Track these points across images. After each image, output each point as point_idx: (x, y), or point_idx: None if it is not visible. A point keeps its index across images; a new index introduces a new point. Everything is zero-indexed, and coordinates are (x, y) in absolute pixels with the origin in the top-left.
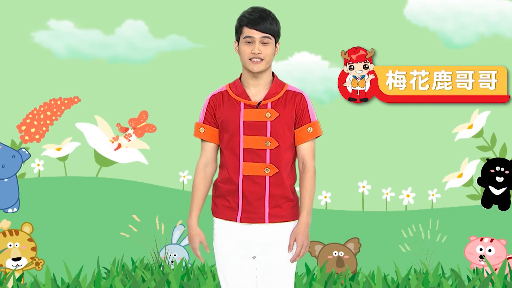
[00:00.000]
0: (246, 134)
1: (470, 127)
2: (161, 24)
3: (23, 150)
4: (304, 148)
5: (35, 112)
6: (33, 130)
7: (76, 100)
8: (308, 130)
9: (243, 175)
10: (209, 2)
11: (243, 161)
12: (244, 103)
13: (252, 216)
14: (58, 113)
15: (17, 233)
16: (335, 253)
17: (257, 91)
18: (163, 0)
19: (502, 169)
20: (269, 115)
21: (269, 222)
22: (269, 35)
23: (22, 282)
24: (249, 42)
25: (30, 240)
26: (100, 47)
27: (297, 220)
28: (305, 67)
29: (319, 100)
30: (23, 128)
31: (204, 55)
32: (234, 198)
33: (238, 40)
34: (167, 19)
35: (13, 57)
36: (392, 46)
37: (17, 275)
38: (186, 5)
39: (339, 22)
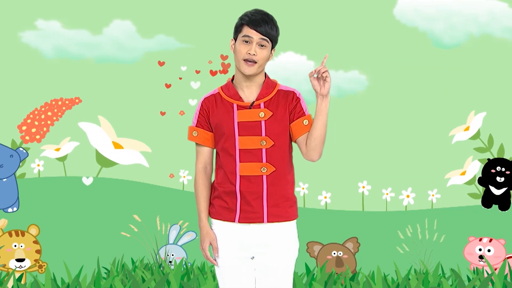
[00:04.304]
0: (241, 135)
1: (467, 129)
2: (149, 24)
3: (21, 149)
4: (303, 141)
5: (36, 112)
6: (33, 130)
7: (77, 100)
8: (304, 122)
9: (240, 176)
10: (197, 2)
11: (240, 162)
12: (237, 105)
13: (251, 216)
14: (59, 114)
15: (23, 234)
16: (334, 253)
17: (249, 92)
18: (151, 0)
19: (503, 169)
20: (263, 114)
21: (267, 222)
22: (267, 39)
23: (22, 282)
24: (246, 42)
25: (36, 242)
26: (87, 47)
27: (295, 219)
28: (291, 67)
29: (305, 100)
30: (24, 128)
31: (192, 55)
32: (232, 199)
33: (235, 38)
34: (155, 19)
35: (2, 57)
36: (381, 46)
37: (17, 275)
38: (174, 5)
39: (326, 22)
